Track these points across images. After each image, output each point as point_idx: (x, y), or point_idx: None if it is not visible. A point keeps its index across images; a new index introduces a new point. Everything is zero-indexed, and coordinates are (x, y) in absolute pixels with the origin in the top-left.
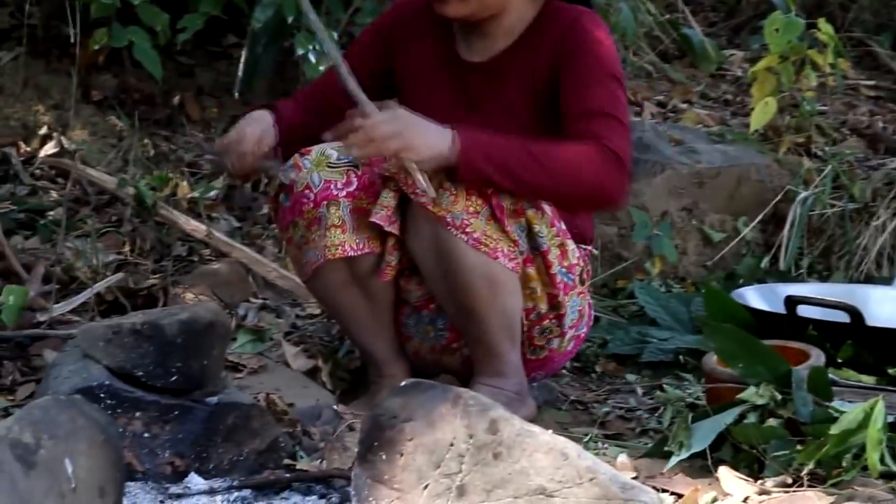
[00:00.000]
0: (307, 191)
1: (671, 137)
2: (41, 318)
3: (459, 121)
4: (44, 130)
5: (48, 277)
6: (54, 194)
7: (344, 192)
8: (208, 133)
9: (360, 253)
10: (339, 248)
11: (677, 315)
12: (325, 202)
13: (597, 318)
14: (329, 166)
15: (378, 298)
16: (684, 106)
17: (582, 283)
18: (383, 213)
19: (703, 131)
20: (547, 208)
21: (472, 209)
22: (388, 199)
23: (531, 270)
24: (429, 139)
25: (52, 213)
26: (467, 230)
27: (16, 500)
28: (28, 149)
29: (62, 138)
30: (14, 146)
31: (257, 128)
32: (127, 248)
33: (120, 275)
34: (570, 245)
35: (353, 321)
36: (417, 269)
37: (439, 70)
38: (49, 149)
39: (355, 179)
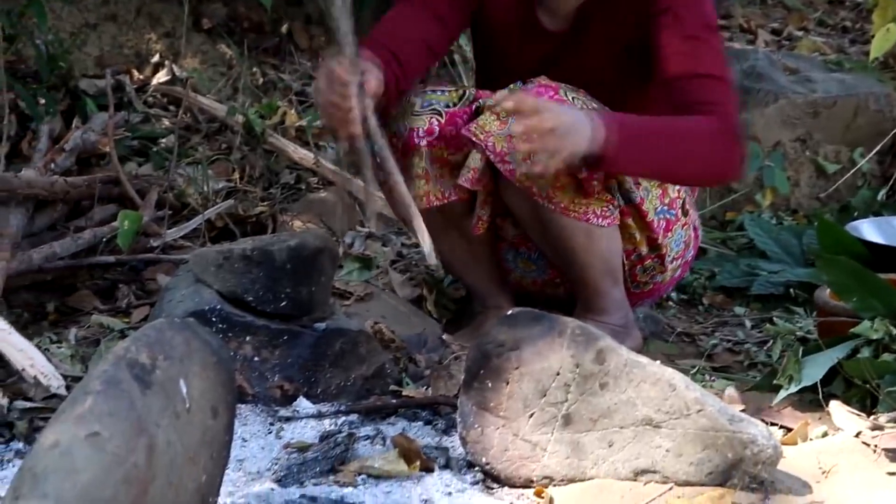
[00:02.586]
0: (394, 139)
1: (785, 66)
2: (154, 243)
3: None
4: (156, 58)
5: (161, 203)
6: (166, 122)
7: (424, 142)
8: (315, 63)
9: (444, 202)
10: (424, 198)
11: (788, 248)
12: (409, 151)
13: (704, 251)
14: (413, 114)
15: (476, 238)
16: (800, 33)
17: (685, 214)
18: (469, 175)
19: (819, 60)
20: None
21: (558, 184)
22: (475, 161)
23: (628, 220)
24: (581, 135)
25: (164, 140)
26: (553, 201)
27: (133, 417)
28: (141, 76)
29: (174, 66)
30: (128, 74)
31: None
32: (236, 176)
33: (230, 202)
34: None
35: (455, 261)
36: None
37: (516, 29)
38: (161, 77)
39: (437, 127)
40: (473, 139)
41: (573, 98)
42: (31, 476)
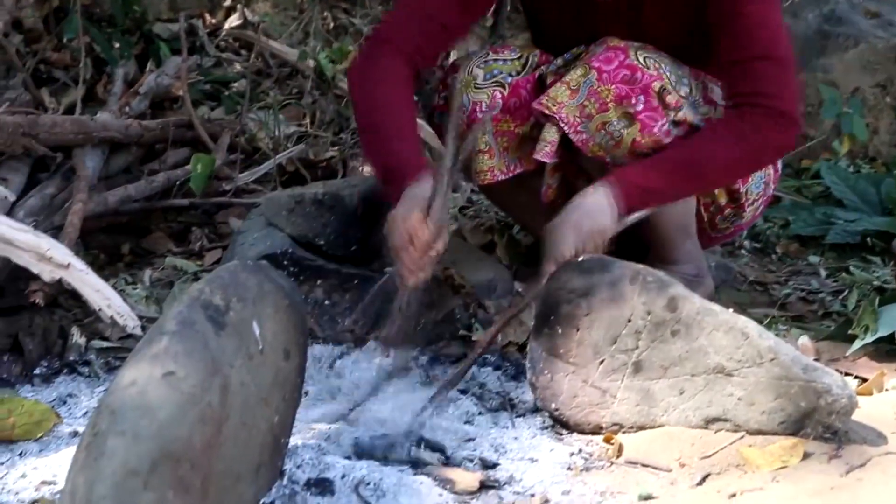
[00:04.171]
0: (460, 112)
1: (866, 9)
2: (226, 186)
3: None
4: (228, 2)
5: (233, 147)
6: (238, 66)
7: (489, 116)
8: (387, 7)
9: (510, 175)
10: (489, 173)
11: (866, 196)
12: (473, 125)
13: (778, 199)
14: (476, 87)
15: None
16: None
17: None
18: (547, 150)
19: None
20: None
21: (632, 154)
22: (552, 134)
23: None
24: (599, 224)
25: (236, 84)
26: None
27: (207, 357)
28: (213, 21)
29: (246, 10)
30: (200, 18)
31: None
32: (307, 121)
33: (301, 146)
34: None
35: (522, 215)
36: (583, 168)
37: (567, 4)
38: (233, 21)
39: (500, 101)
40: (546, 111)
41: (644, 58)
42: (109, 413)
